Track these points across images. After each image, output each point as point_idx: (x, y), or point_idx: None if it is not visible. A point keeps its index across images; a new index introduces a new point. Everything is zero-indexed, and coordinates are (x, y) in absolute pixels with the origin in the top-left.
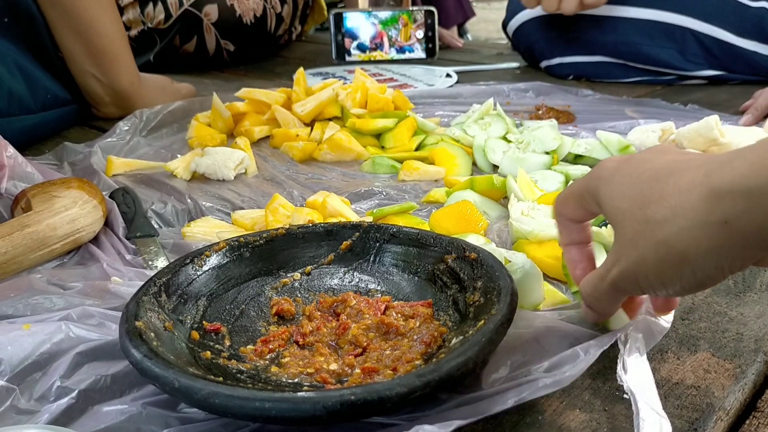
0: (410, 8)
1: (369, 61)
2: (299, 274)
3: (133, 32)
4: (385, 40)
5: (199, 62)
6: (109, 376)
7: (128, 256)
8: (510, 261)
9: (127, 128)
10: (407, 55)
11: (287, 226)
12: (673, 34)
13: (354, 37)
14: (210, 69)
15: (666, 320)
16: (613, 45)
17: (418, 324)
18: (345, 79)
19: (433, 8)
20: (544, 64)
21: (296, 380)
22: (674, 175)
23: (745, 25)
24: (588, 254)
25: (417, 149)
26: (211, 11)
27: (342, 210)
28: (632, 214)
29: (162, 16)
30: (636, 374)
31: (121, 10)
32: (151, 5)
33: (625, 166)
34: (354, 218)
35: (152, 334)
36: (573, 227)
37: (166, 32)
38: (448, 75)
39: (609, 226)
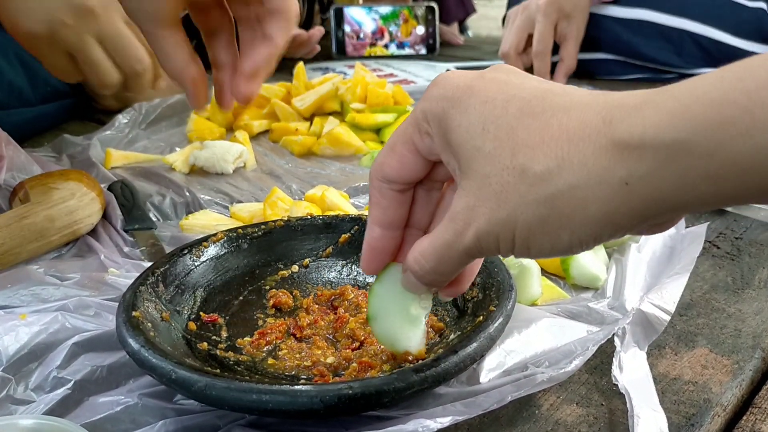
0: (411, 4)
1: (369, 57)
2: (297, 267)
3: None
4: (386, 35)
5: None
6: (105, 366)
7: (126, 249)
8: None
9: (126, 121)
10: (407, 51)
11: (286, 218)
12: (670, 36)
13: (355, 31)
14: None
15: (666, 312)
16: (612, 42)
17: None
18: (345, 74)
19: (434, 4)
20: None
21: (293, 373)
22: (558, 113)
23: (742, 25)
24: (395, 245)
25: None
26: None
27: (340, 204)
28: (499, 159)
29: None
30: (633, 369)
31: None
32: None
33: (481, 84)
34: (353, 212)
35: (149, 324)
36: (393, 197)
37: None
38: (448, 71)
39: None
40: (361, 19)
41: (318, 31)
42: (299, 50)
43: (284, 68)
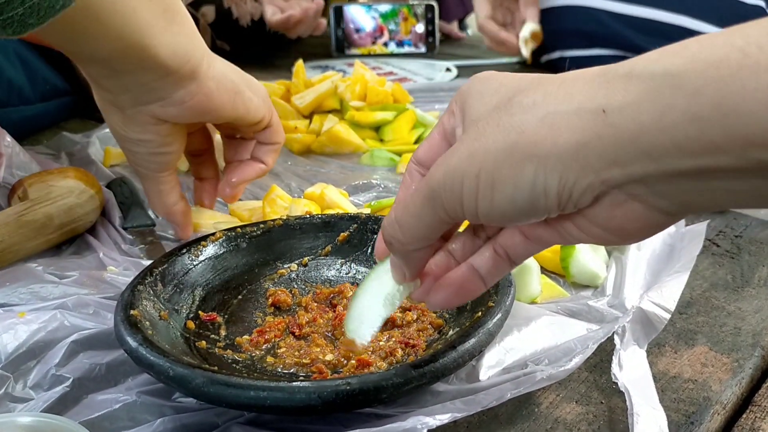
0: (410, 2)
1: (369, 55)
2: (296, 265)
3: None
4: (386, 33)
5: None
6: (103, 364)
7: (125, 246)
8: None
9: None
10: (407, 49)
11: (284, 217)
12: (669, 33)
13: (354, 30)
14: None
15: (666, 310)
16: (610, 38)
17: (415, 317)
18: (344, 72)
19: (433, 2)
20: (544, 58)
21: (292, 371)
22: (564, 75)
23: (741, 23)
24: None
25: (416, 142)
26: (208, 12)
27: (340, 202)
28: (496, 105)
29: None
30: (633, 367)
31: None
32: None
33: (511, 73)
34: (352, 210)
35: (147, 323)
36: (419, 182)
37: None
38: (448, 69)
39: None
40: (360, 17)
41: (317, 4)
42: (301, 27)
43: (284, 66)
